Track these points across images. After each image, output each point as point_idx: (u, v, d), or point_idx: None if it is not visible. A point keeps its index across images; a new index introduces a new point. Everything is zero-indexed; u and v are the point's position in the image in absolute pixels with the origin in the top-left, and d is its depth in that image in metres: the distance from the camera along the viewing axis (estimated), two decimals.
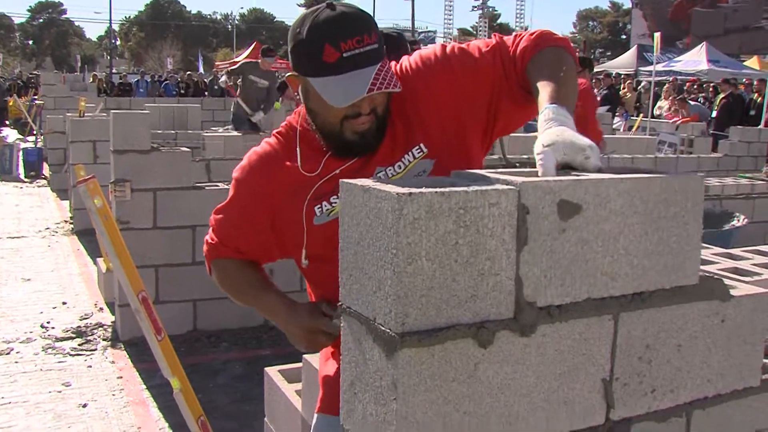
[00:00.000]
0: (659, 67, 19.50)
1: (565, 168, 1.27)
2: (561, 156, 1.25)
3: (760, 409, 1.46)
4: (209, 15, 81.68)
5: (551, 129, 1.30)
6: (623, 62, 25.56)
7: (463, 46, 1.57)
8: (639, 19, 38.11)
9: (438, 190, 1.02)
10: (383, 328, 1.06)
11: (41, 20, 74.84)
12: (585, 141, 1.27)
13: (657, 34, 13.10)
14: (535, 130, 1.40)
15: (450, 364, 1.07)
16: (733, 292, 1.39)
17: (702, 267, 2.74)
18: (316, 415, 1.70)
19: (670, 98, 13.98)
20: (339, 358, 1.65)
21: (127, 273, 2.29)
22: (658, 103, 14.37)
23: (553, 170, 1.23)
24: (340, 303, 1.25)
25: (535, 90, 1.44)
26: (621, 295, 1.21)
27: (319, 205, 1.54)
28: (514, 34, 1.58)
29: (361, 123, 1.46)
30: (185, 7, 76.05)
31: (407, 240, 1.01)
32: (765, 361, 1.68)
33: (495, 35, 1.58)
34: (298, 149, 1.55)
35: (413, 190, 1.02)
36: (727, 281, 1.48)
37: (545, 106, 1.34)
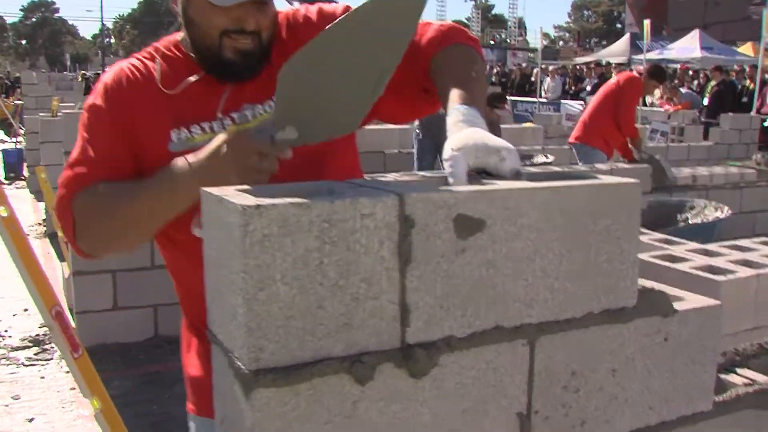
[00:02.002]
0: (653, 55, 19.29)
1: (480, 173, 1.10)
2: (473, 159, 1.09)
3: None
4: None
5: (462, 132, 1.14)
6: (616, 51, 25.33)
7: None
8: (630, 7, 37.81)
9: (295, 200, 0.85)
10: (239, 364, 0.89)
11: (34, 19, 74.51)
12: (499, 142, 1.11)
13: (647, 22, 12.89)
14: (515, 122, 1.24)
15: (321, 404, 0.90)
16: (678, 305, 1.22)
17: (673, 265, 2.58)
18: (189, 416, 1.55)
19: (662, 86, 13.77)
20: (202, 351, 1.50)
21: (38, 287, 2.13)
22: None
23: (464, 176, 1.06)
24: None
25: (439, 85, 1.32)
26: (539, 323, 1.04)
27: (177, 131, 1.38)
28: (422, 21, 1.44)
29: (243, 42, 1.34)
30: None
31: (256, 261, 0.84)
32: (725, 377, 1.51)
33: None
34: (158, 64, 1.41)
35: (264, 201, 0.84)
36: (674, 292, 1.31)
37: (455, 107, 1.21)
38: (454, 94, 1.24)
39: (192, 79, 1.38)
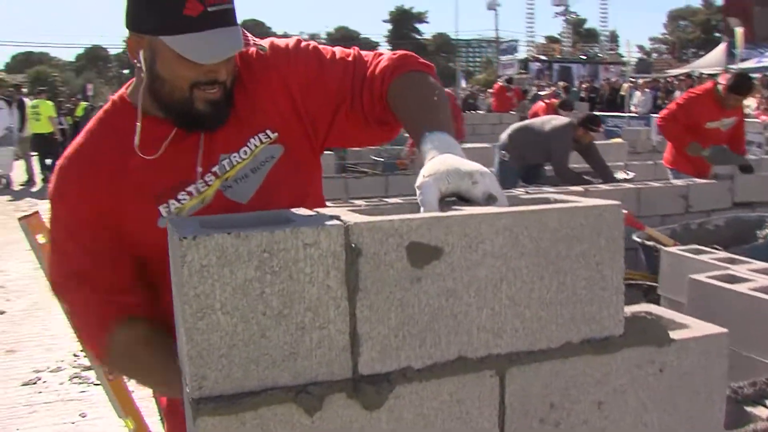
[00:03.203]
0: (750, 64, 18.49)
1: (457, 198, 1.08)
2: (445, 185, 1.07)
3: None
4: (295, 35, 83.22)
5: (435, 158, 1.13)
6: (710, 61, 24.36)
7: (319, 47, 1.46)
8: None
9: (234, 231, 0.85)
10: (188, 391, 0.90)
11: None
12: (472, 166, 1.09)
13: (739, 30, 12.41)
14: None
15: None
16: (678, 333, 1.15)
17: (731, 286, 2.45)
18: None
19: (758, 96, 13.18)
20: None
21: None
22: (745, 102, 13.54)
23: (435, 203, 1.05)
24: None
25: (402, 114, 1.32)
26: (509, 353, 1.01)
27: (165, 205, 1.34)
28: (374, 52, 1.47)
29: (214, 92, 1.32)
30: (270, 28, 77.71)
31: (194, 291, 0.85)
32: (751, 410, 1.43)
33: (354, 48, 1.47)
34: (138, 125, 1.34)
35: (203, 232, 0.85)
36: (681, 319, 1.24)
37: (425, 135, 1.19)
38: (421, 122, 1.23)
39: (166, 143, 1.35)
